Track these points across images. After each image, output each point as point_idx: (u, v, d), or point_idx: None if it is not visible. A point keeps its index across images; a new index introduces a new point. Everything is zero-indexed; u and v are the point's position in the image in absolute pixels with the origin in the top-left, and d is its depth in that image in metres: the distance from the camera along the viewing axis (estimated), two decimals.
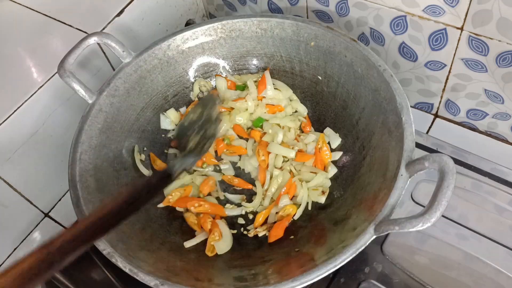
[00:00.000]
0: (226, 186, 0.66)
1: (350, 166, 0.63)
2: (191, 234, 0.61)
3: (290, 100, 0.70)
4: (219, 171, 0.67)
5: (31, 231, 0.71)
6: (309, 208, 0.61)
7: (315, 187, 0.62)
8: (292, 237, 0.58)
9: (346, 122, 0.65)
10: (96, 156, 0.59)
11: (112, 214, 0.42)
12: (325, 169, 0.64)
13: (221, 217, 0.62)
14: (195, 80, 0.71)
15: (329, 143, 0.65)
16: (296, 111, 0.70)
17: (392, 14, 0.63)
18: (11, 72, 0.66)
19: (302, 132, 0.68)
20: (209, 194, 0.65)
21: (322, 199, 0.61)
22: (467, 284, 0.55)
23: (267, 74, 0.69)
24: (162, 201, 0.63)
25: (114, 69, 0.73)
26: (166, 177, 0.49)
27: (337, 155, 0.64)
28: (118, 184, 0.61)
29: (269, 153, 0.65)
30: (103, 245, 0.49)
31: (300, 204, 0.61)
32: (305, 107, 0.69)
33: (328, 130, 0.66)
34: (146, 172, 0.65)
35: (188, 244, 0.58)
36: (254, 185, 0.64)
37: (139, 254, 0.52)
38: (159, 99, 0.69)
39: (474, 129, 0.71)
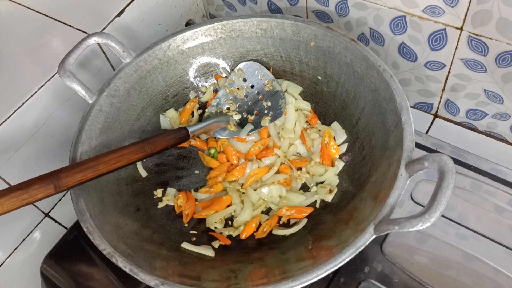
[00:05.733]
0: None
1: (350, 166, 0.63)
2: (191, 235, 0.61)
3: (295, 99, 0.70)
4: None
5: (31, 231, 0.71)
6: (317, 206, 0.61)
7: (323, 185, 0.62)
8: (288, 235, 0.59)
9: (346, 122, 0.65)
10: None
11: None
12: (332, 164, 0.64)
13: None
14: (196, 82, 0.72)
15: (334, 137, 0.65)
16: (299, 109, 0.70)
17: (392, 14, 0.63)
18: (11, 72, 0.66)
19: (310, 125, 0.69)
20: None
21: (329, 198, 0.61)
22: (466, 284, 0.55)
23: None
24: (161, 201, 0.64)
25: (114, 69, 0.73)
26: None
27: (343, 147, 0.64)
28: (118, 184, 0.61)
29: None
30: (103, 245, 0.50)
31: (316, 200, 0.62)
32: (308, 103, 0.69)
33: (335, 125, 0.66)
34: (144, 173, 0.65)
35: (185, 245, 0.59)
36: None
37: (139, 254, 0.52)
38: (159, 99, 0.69)
39: (473, 129, 0.72)
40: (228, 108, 0.70)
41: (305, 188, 0.64)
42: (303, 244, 0.55)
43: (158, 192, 0.64)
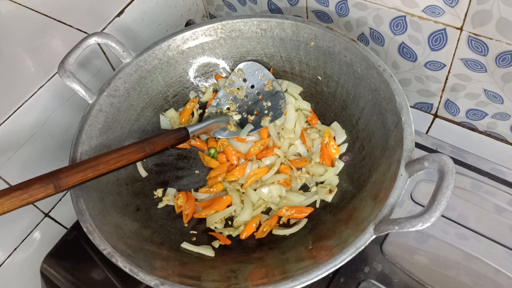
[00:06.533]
0: None
1: (350, 166, 0.63)
2: (191, 235, 0.61)
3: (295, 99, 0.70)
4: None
5: (31, 231, 0.71)
6: (317, 206, 0.61)
7: (323, 185, 0.62)
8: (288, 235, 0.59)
9: (346, 122, 0.65)
10: None
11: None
12: (332, 164, 0.64)
13: None
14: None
15: (334, 137, 0.65)
16: (299, 109, 0.70)
17: (392, 14, 0.63)
18: (11, 72, 0.66)
19: (310, 125, 0.69)
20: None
21: (329, 198, 0.61)
22: (466, 284, 0.55)
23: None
24: (161, 201, 0.64)
25: (114, 69, 0.73)
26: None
27: (343, 147, 0.64)
28: (118, 184, 0.61)
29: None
30: (103, 245, 0.50)
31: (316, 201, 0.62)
32: (308, 103, 0.69)
33: (335, 125, 0.66)
34: (144, 173, 0.65)
35: (185, 245, 0.59)
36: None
37: (139, 254, 0.52)
38: (159, 99, 0.69)
39: (473, 129, 0.72)
40: (228, 108, 0.70)
41: (305, 188, 0.64)
42: (303, 244, 0.55)
43: (158, 192, 0.64)
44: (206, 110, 0.70)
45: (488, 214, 0.60)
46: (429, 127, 0.73)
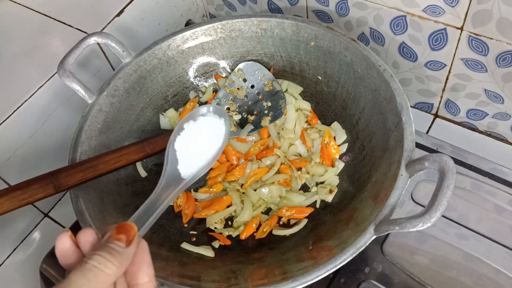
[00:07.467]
0: None
1: (350, 166, 0.63)
2: (191, 235, 0.61)
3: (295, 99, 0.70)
4: None
5: (31, 231, 0.71)
6: (317, 206, 0.61)
7: (323, 185, 0.62)
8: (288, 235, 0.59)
9: (346, 122, 0.65)
10: None
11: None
12: (332, 164, 0.64)
13: None
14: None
15: (334, 138, 0.65)
16: (299, 109, 0.70)
17: (392, 14, 0.63)
18: (11, 72, 0.66)
19: (310, 125, 0.69)
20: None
21: (329, 198, 0.61)
22: (467, 284, 0.55)
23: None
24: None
25: (114, 69, 0.73)
26: None
27: (344, 147, 0.64)
28: (117, 184, 0.61)
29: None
30: None
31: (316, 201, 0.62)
32: (308, 103, 0.69)
33: (335, 125, 0.66)
34: (143, 173, 0.65)
35: (185, 246, 0.58)
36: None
37: None
38: (159, 99, 0.69)
39: (474, 129, 0.71)
40: (228, 108, 0.70)
41: (305, 188, 0.64)
42: (303, 245, 0.55)
43: None
44: None
45: (489, 214, 0.60)
46: (430, 127, 0.73)
